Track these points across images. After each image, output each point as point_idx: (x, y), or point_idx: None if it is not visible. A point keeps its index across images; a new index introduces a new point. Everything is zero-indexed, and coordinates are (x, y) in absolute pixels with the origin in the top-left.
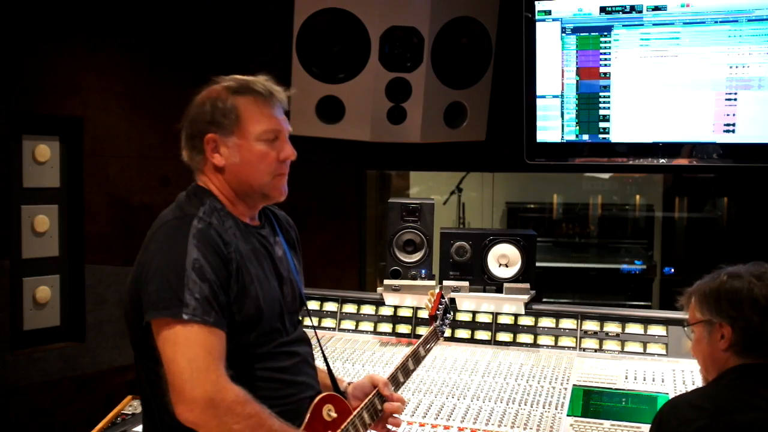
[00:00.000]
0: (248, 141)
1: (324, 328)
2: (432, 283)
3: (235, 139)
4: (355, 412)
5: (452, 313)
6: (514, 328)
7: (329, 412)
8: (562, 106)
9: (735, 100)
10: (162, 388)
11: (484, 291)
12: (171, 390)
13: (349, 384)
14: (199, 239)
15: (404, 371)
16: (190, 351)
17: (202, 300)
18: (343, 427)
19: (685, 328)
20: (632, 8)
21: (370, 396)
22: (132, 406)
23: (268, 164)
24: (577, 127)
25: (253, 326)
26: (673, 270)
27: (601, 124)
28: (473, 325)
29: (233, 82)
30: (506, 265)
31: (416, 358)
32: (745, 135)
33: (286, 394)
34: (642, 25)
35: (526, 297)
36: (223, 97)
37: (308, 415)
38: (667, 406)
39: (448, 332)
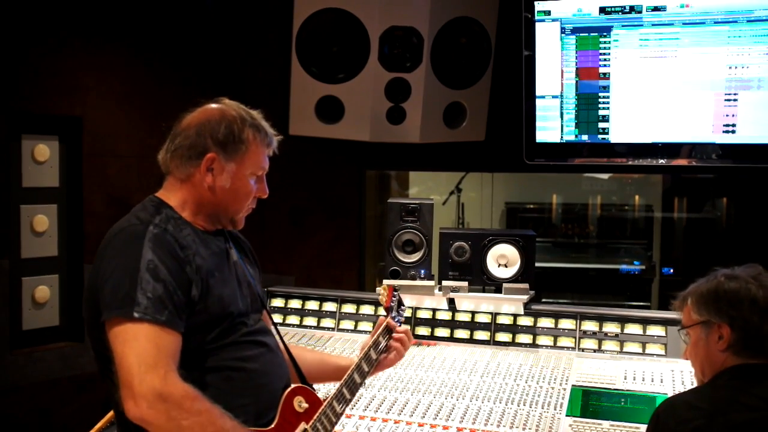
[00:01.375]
0: (242, 173)
1: (323, 328)
2: (431, 283)
3: (234, 166)
4: (325, 403)
5: (405, 307)
6: (513, 329)
7: (300, 404)
8: (561, 107)
9: (734, 100)
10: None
11: (483, 291)
12: (121, 387)
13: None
14: (154, 242)
15: (368, 361)
16: (139, 347)
17: (154, 299)
18: (315, 417)
19: (680, 332)
20: (632, 8)
21: (338, 385)
22: None
23: (247, 198)
24: (577, 128)
25: (218, 323)
26: (672, 270)
27: (601, 125)
28: (472, 326)
29: (245, 114)
30: (505, 266)
31: (378, 349)
32: (744, 135)
33: (257, 384)
34: (641, 25)
35: (525, 297)
36: (240, 125)
37: (280, 408)
38: (663, 406)
39: (446, 332)
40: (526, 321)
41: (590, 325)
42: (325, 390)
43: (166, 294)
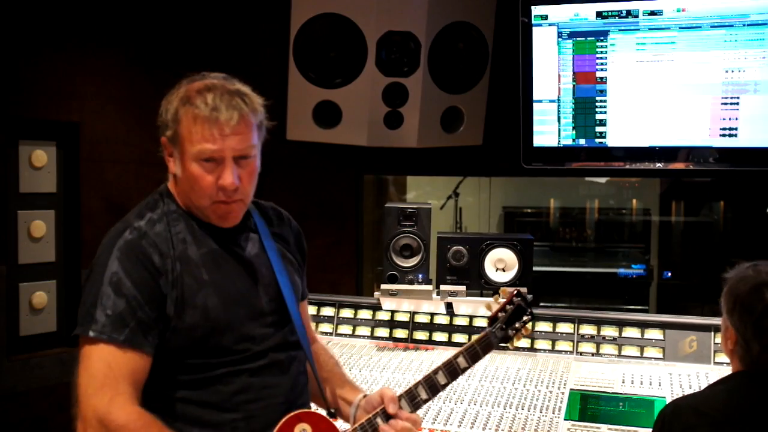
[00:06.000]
0: (186, 157)
1: (321, 333)
2: (429, 287)
3: (177, 150)
4: None
5: (529, 320)
6: None
7: None
8: (558, 111)
9: (731, 104)
10: None
11: (481, 295)
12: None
13: (363, 397)
14: (123, 251)
15: (430, 386)
16: (92, 368)
17: (113, 316)
18: None
19: None
20: (628, 13)
21: (371, 415)
22: None
23: (203, 188)
24: (574, 132)
25: (201, 344)
26: (670, 274)
27: (598, 129)
28: (470, 330)
29: (187, 89)
30: (503, 270)
31: (451, 371)
32: (740, 139)
33: (236, 427)
34: (638, 29)
35: None
36: (174, 103)
37: None
38: (670, 408)
39: (444, 336)
40: None
41: (588, 329)
42: None
43: (128, 310)
